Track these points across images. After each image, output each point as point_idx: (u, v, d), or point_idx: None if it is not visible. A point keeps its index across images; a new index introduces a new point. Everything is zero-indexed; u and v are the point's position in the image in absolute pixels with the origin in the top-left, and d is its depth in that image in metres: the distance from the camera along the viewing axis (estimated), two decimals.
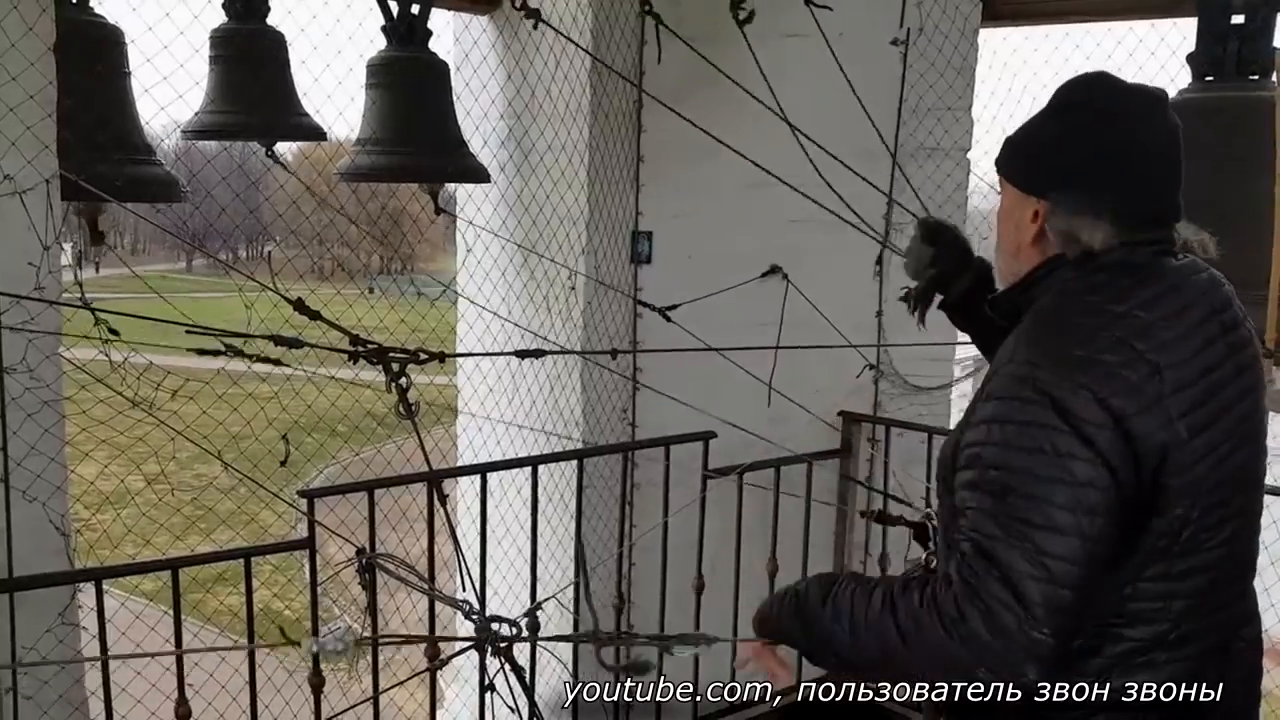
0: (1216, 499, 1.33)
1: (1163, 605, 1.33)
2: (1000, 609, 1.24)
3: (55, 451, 2.23)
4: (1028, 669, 1.25)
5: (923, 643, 1.29)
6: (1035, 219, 1.43)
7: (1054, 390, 1.26)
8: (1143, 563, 1.32)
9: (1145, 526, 1.30)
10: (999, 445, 1.29)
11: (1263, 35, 2.82)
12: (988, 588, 1.25)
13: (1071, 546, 1.23)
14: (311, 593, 2.60)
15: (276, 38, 2.99)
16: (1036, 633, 1.23)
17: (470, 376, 3.86)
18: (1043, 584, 1.23)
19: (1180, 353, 1.32)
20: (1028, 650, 1.23)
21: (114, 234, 13.22)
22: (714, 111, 3.15)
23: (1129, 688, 1.35)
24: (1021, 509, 1.25)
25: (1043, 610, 1.23)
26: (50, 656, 2.20)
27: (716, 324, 2.89)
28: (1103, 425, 1.24)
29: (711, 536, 3.27)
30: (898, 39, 3.49)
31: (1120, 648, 1.34)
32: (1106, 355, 1.29)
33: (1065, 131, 1.41)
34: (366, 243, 5.62)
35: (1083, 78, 1.45)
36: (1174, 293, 1.37)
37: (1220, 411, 1.35)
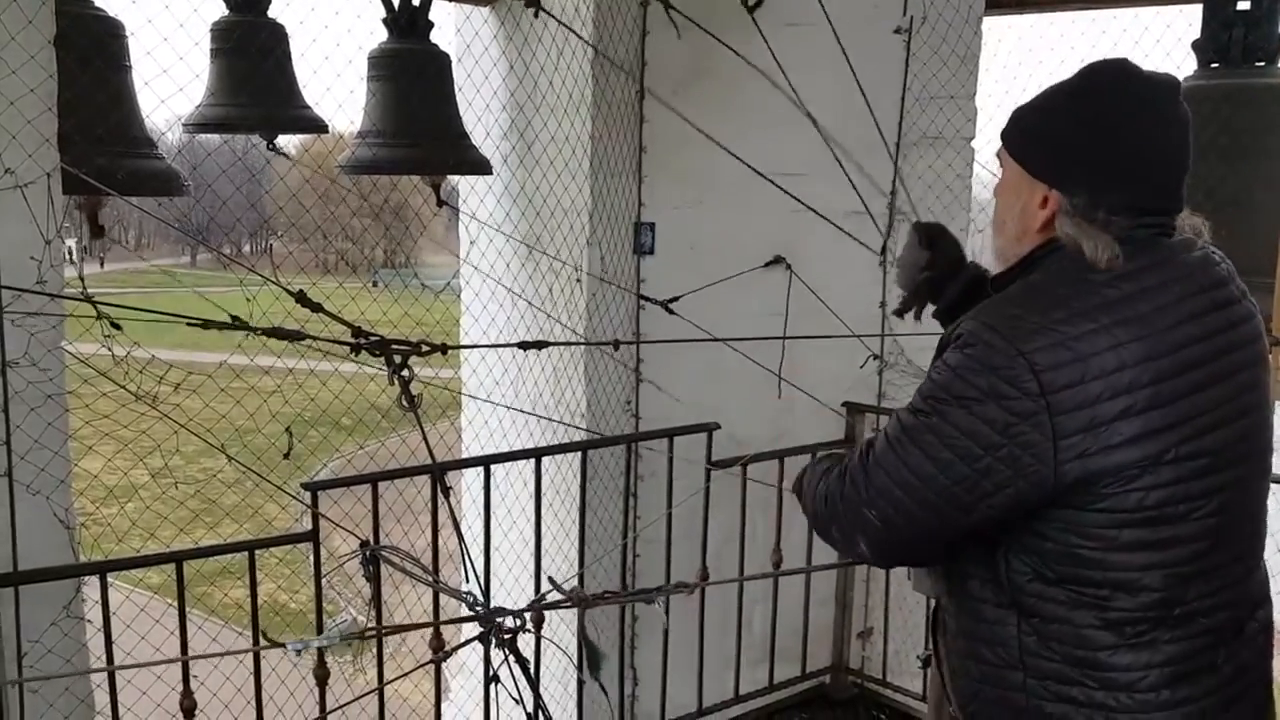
0: (1192, 470, 1.34)
1: (1141, 575, 1.35)
2: (851, 485, 1.49)
3: (59, 445, 2.23)
4: (859, 541, 1.50)
5: (817, 502, 1.58)
6: (1044, 205, 1.42)
7: (994, 357, 1.34)
8: (1111, 530, 1.34)
9: (1089, 492, 1.33)
10: (935, 383, 1.42)
11: (1269, 21, 2.81)
12: (854, 469, 1.50)
13: (930, 474, 1.39)
14: (316, 585, 2.60)
15: (277, 30, 2.98)
16: (867, 511, 1.46)
17: (475, 369, 3.86)
18: (889, 481, 1.43)
19: (1156, 324, 1.34)
20: (859, 524, 1.48)
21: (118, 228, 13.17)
22: (716, 103, 3.14)
23: (1134, 667, 1.36)
24: (915, 431, 1.42)
25: (879, 498, 1.44)
26: (55, 650, 2.20)
27: (720, 315, 2.88)
28: (1027, 393, 1.31)
29: (715, 528, 3.27)
30: (901, 27, 3.47)
31: (1107, 616, 1.37)
32: (1063, 326, 1.33)
33: (1087, 125, 1.40)
34: (369, 235, 5.62)
35: (1106, 65, 1.44)
36: (1160, 267, 1.39)
37: (1205, 382, 1.36)
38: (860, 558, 1.54)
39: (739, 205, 3.43)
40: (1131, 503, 1.33)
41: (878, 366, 3.62)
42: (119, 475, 4.06)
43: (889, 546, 1.49)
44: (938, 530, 1.43)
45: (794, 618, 3.57)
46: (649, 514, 3.32)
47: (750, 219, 3.46)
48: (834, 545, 1.60)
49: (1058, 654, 1.39)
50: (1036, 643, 1.41)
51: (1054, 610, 1.39)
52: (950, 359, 1.40)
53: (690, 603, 3.22)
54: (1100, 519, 1.34)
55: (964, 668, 1.52)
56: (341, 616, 9.47)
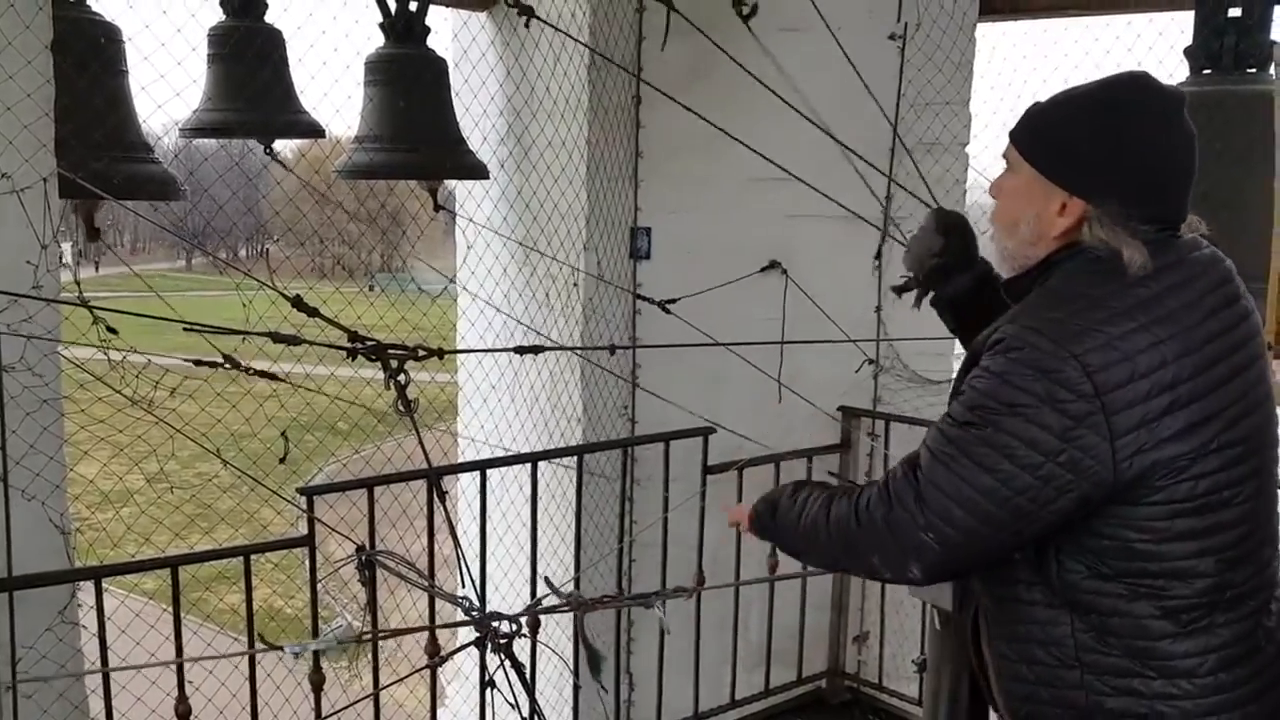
0: (1230, 458, 1.39)
1: (1197, 562, 1.38)
2: (901, 508, 1.42)
3: (54, 450, 2.23)
4: (912, 565, 1.43)
5: (841, 529, 1.50)
6: (1064, 212, 1.44)
7: (1046, 357, 1.33)
8: (1164, 522, 1.37)
9: (1144, 487, 1.35)
10: (981, 391, 1.39)
11: (1260, 28, 2.82)
12: (900, 490, 1.43)
13: (993, 488, 1.36)
14: (311, 590, 2.60)
15: (274, 35, 2.98)
16: (924, 534, 1.39)
17: (472, 373, 3.86)
18: (947, 500, 1.38)
19: (1185, 321, 1.38)
20: (914, 549, 1.41)
21: (113, 232, 13.21)
22: (711, 108, 3.14)
23: (1191, 653, 1.39)
24: (969, 444, 1.38)
25: (937, 519, 1.39)
26: (50, 655, 2.20)
27: (716, 320, 2.89)
28: (1083, 395, 1.32)
29: (711, 532, 3.27)
30: (895, 33, 3.49)
31: (1170, 604, 1.39)
32: (1106, 327, 1.35)
33: (1111, 135, 1.42)
34: (365, 240, 5.62)
35: (1130, 78, 1.46)
36: (1179, 265, 1.43)
37: (1230, 375, 1.41)
38: (906, 580, 1.49)
39: (735, 210, 3.45)
40: (1183, 493, 1.36)
41: (873, 371, 3.63)
42: (114, 480, 4.05)
43: (946, 567, 1.45)
44: (1001, 544, 1.41)
45: (790, 622, 3.58)
46: (645, 518, 3.33)
47: (746, 224, 3.47)
48: (865, 572, 1.55)
49: (1116, 648, 1.41)
50: (1093, 639, 1.42)
51: (1112, 605, 1.41)
52: (994, 365, 1.38)
53: (686, 607, 3.22)
54: (1154, 511, 1.37)
55: (1014, 671, 1.52)
56: (337, 621, 9.47)
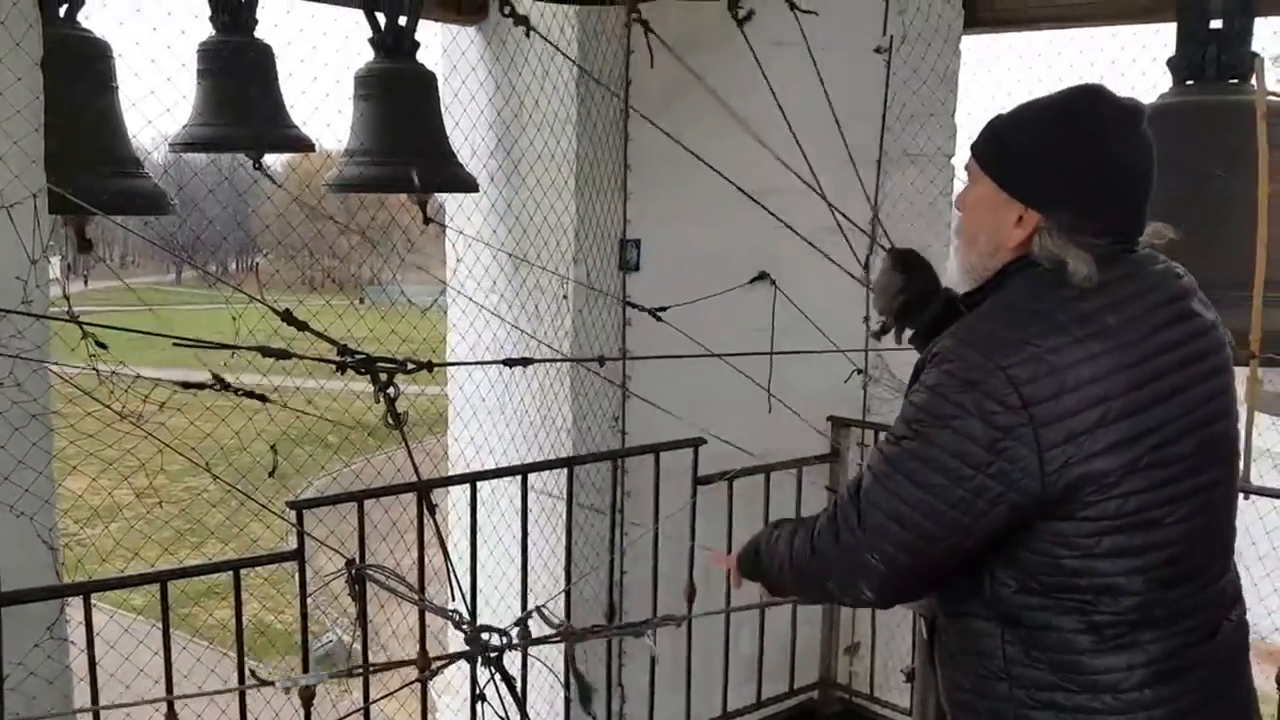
0: (1168, 475, 1.38)
1: (1125, 578, 1.38)
2: (846, 530, 1.45)
3: (43, 465, 2.22)
4: (863, 585, 1.45)
5: (799, 559, 1.54)
6: (1020, 223, 1.44)
7: (973, 370, 1.36)
8: (1093, 538, 1.37)
9: (1073, 501, 1.35)
10: (914, 405, 1.43)
11: (1242, 40, 2.85)
12: (844, 512, 1.46)
13: (925, 501, 1.38)
14: (301, 604, 2.59)
15: (264, 50, 2.99)
16: (869, 555, 1.42)
17: (461, 386, 3.86)
18: (885, 519, 1.41)
19: (1125, 336, 1.38)
20: (860, 569, 1.44)
21: (103, 246, 13.11)
22: (701, 119, 3.16)
23: (1116, 668, 1.39)
24: (903, 460, 1.41)
25: (879, 539, 1.41)
26: (38, 672, 2.19)
27: (705, 331, 2.89)
28: (1010, 407, 1.33)
29: (703, 543, 3.27)
30: (881, 47, 3.52)
31: (1098, 619, 1.39)
32: (1039, 339, 1.36)
33: (1071, 149, 1.42)
34: (355, 253, 5.63)
35: (1085, 90, 1.47)
36: (1128, 280, 1.43)
37: (1172, 390, 1.40)
38: (864, 603, 1.50)
39: (724, 222, 3.45)
40: (1111, 510, 1.35)
41: (862, 381, 3.64)
42: (103, 495, 4.03)
43: (895, 585, 1.46)
44: (941, 559, 1.42)
45: (781, 634, 3.58)
46: (636, 530, 3.33)
47: (735, 235, 3.48)
48: (828, 599, 1.59)
49: (1042, 661, 1.41)
50: (1020, 652, 1.43)
51: (1039, 618, 1.41)
52: (928, 378, 1.41)
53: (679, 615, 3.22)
54: (1082, 528, 1.36)
55: (956, 681, 1.54)
56: (327, 636, 9.39)
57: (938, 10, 3.51)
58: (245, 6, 2.94)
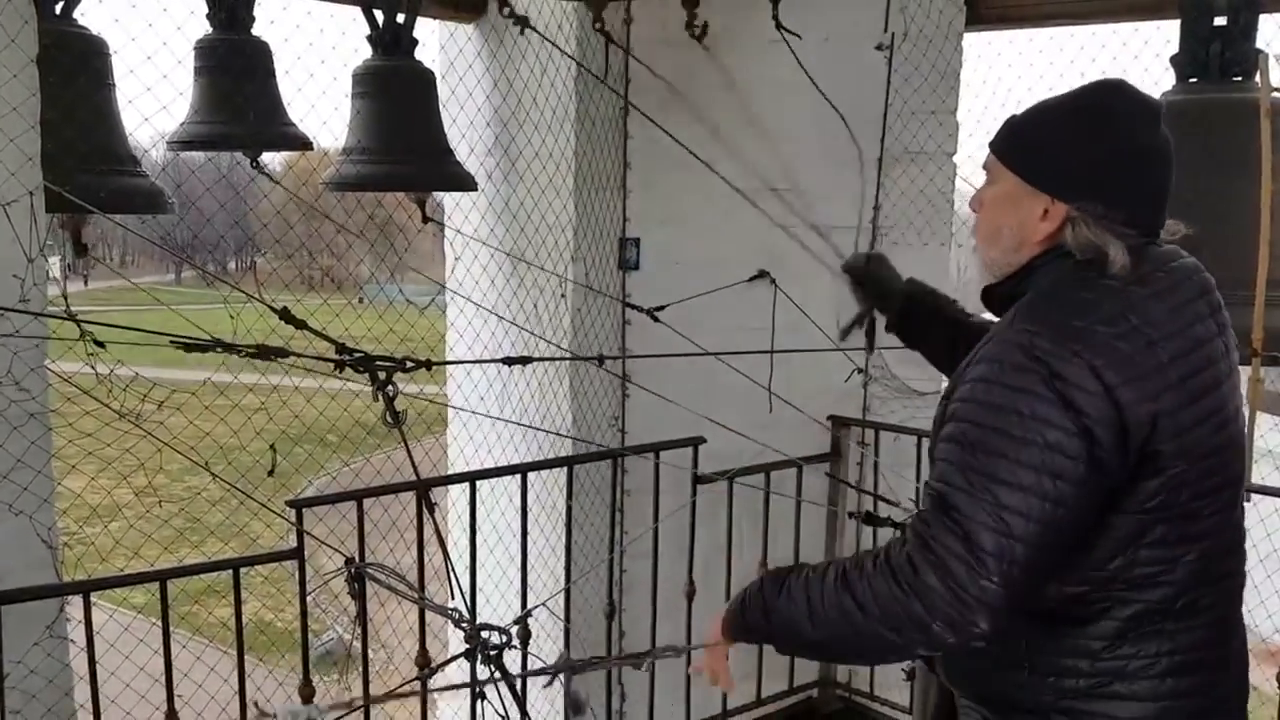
0: (1211, 465, 1.39)
1: (1164, 569, 1.37)
2: (951, 558, 1.28)
3: (42, 464, 2.22)
4: (978, 618, 1.27)
5: (878, 605, 1.32)
6: (1046, 216, 1.43)
7: (1050, 358, 1.30)
8: (1141, 529, 1.36)
9: (1135, 490, 1.34)
10: (980, 404, 1.34)
11: (1246, 37, 2.84)
12: (941, 539, 1.29)
13: (1030, 504, 1.28)
14: (301, 603, 2.58)
15: (261, 47, 2.98)
16: (986, 580, 1.26)
17: (460, 385, 3.86)
18: (996, 535, 1.27)
19: (1172, 326, 1.38)
20: (978, 599, 1.26)
21: (102, 246, 13.06)
22: (700, 118, 3.15)
23: (1141, 655, 1.38)
24: (988, 465, 1.30)
25: (993, 560, 1.27)
26: (38, 671, 2.18)
27: (705, 329, 2.88)
28: (1093, 393, 1.29)
29: (702, 542, 3.27)
30: (882, 44, 3.50)
31: (1128, 611, 1.38)
32: (1102, 327, 1.34)
33: (1092, 138, 1.42)
34: (354, 252, 5.61)
35: (1109, 84, 1.47)
36: (1164, 273, 1.43)
37: (1214, 383, 1.41)
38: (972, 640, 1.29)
39: (723, 220, 3.45)
40: (1165, 499, 1.35)
41: (863, 380, 3.64)
42: (102, 494, 4.02)
43: (1009, 605, 1.28)
44: (1055, 563, 1.33)
45: None
46: (636, 528, 3.32)
47: (735, 233, 3.47)
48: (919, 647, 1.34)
49: (1066, 649, 1.41)
50: (1044, 640, 1.42)
51: (1073, 610, 1.40)
52: (990, 373, 1.34)
53: (679, 619, 3.21)
54: (1131, 520, 1.35)
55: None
56: (328, 634, 9.38)
57: (939, 7, 3.50)
58: (242, 4, 2.94)
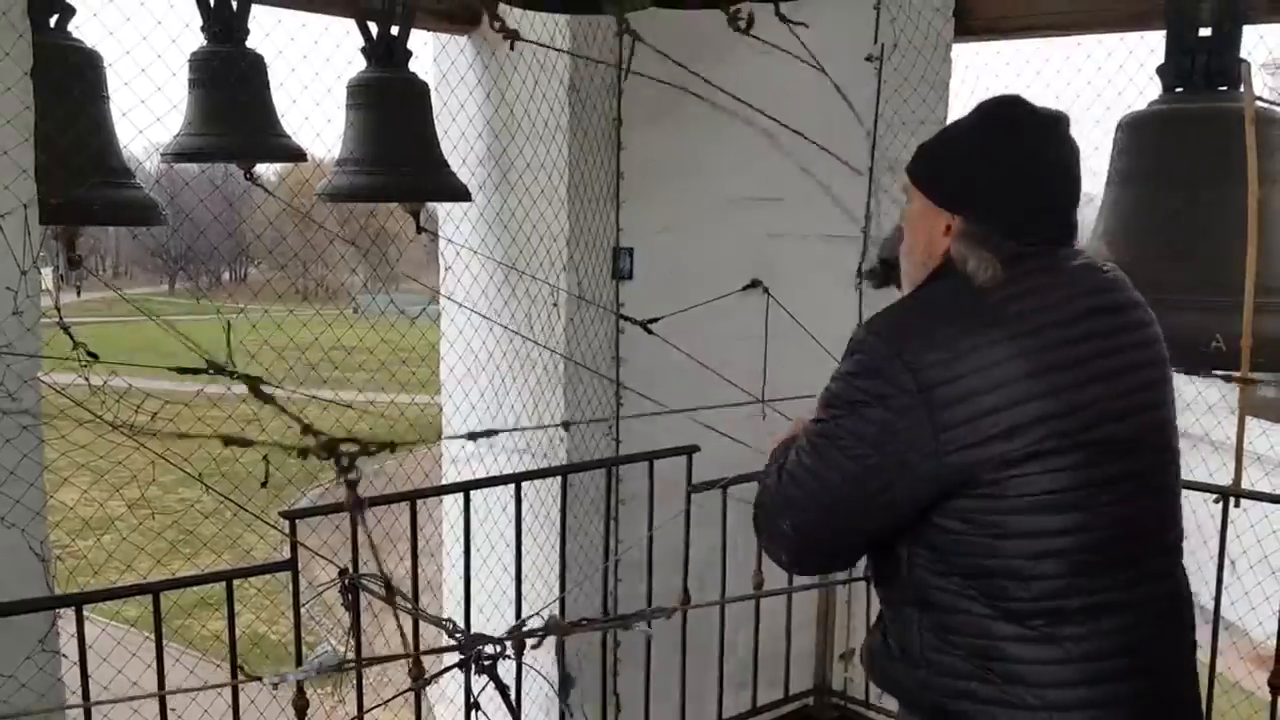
0: (1078, 459, 1.38)
1: (1034, 564, 1.38)
2: (769, 498, 1.57)
3: (34, 476, 2.21)
4: (779, 550, 1.57)
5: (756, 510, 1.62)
6: (948, 232, 1.49)
7: (875, 359, 1.42)
8: (1000, 518, 1.37)
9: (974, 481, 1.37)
10: (829, 391, 1.50)
11: (1230, 47, 2.87)
12: (769, 482, 1.57)
13: (826, 477, 1.46)
14: (295, 615, 2.58)
15: (255, 60, 2.99)
16: (781, 521, 1.53)
17: (453, 395, 3.86)
18: (797, 490, 1.50)
19: (1031, 324, 1.41)
20: (777, 535, 1.55)
21: (95, 257, 13.03)
22: (694, 129, 3.18)
23: (1036, 659, 1.37)
24: (815, 439, 1.49)
25: (788, 507, 1.52)
26: (30, 684, 2.17)
27: (699, 339, 2.90)
28: (905, 391, 1.38)
29: (697, 551, 3.27)
30: (872, 55, 3.53)
31: (1006, 606, 1.38)
32: (940, 327, 1.41)
33: (980, 154, 1.49)
34: (347, 262, 5.62)
35: (999, 99, 1.54)
36: (1040, 273, 1.46)
37: (1091, 378, 1.41)
38: (784, 566, 1.64)
39: (716, 230, 3.47)
40: (1014, 489, 1.36)
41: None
42: (95, 507, 4.01)
43: (804, 554, 1.57)
44: (845, 534, 1.51)
45: (776, 640, 3.57)
46: (630, 538, 3.32)
47: (727, 243, 3.49)
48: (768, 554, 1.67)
49: (959, 647, 1.41)
50: (936, 638, 1.43)
51: (951, 601, 1.41)
52: (842, 366, 1.49)
53: (672, 627, 3.21)
54: (987, 505, 1.38)
55: (883, 667, 1.56)
56: (322, 647, 9.32)
57: (928, 19, 3.53)
58: (237, 16, 2.95)
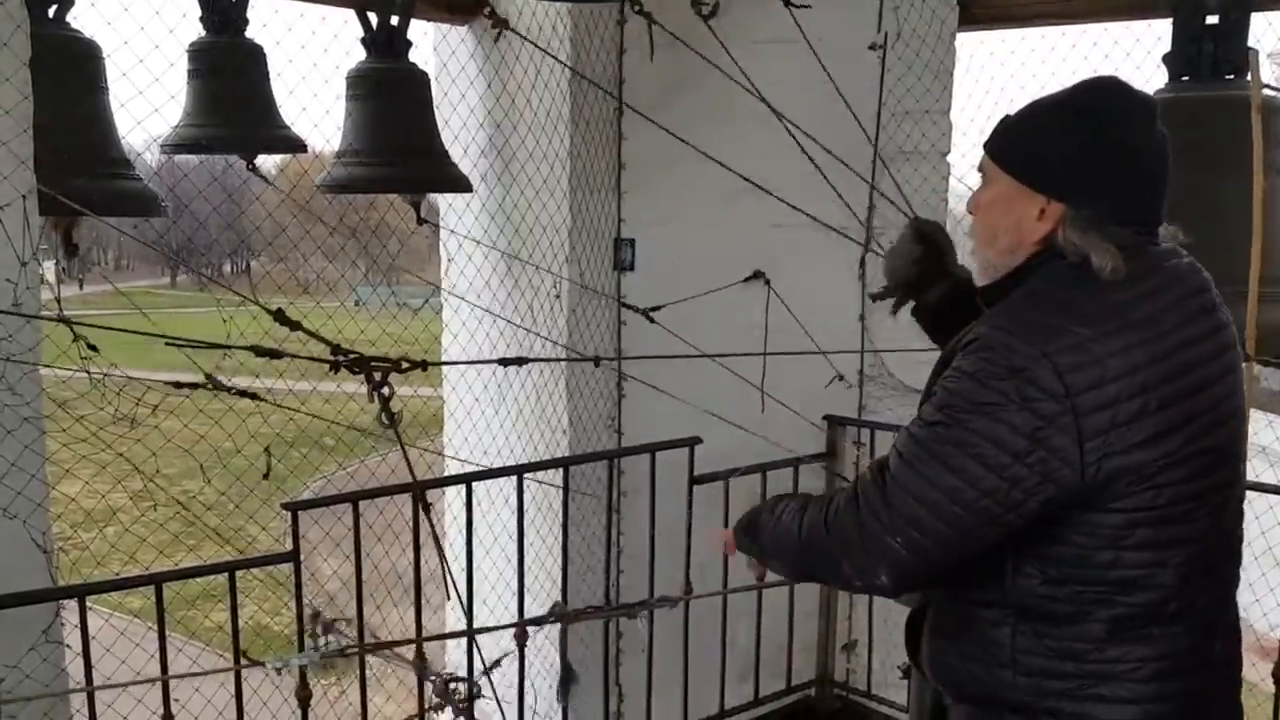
0: (1197, 469, 1.38)
1: (1150, 572, 1.37)
2: (869, 512, 1.40)
3: (36, 468, 2.21)
4: (880, 571, 1.41)
5: (811, 536, 1.50)
6: (1042, 216, 1.43)
7: (1016, 359, 1.33)
8: (1122, 530, 1.36)
9: (1107, 491, 1.34)
10: (951, 391, 1.39)
11: (1237, 35, 2.85)
12: (869, 493, 1.42)
13: (957, 488, 1.34)
14: (297, 606, 2.58)
15: (254, 50, 2.98)
16: (893, 539, 1.38)
17: (455, 387, 3.85)
18: (915, 503, 1.37)
19: (1157, 327, 1.37)
20: (882, 554, 1.39)
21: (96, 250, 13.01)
22: (696, 119, 3.16)
23: (1127, 658, 1.39)
24: (937, 445, 1.37)
25: (904, 523, 1.37)
26: (34, 675, 2.17)
27: (700, 330, 2.89)
28: (1053, 396, 1.31)
29: (699, 543, 3.27)
30: (876, 43, 3.51)
31: (1113, 613, 1.38)
32: (1079, 328, 1.34)
33: (1084, 137, 1.42)
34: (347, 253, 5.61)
35: (1103, 82, 1.47)
36: (1154, 272, 1.42)
37: (1200, 385, 1.40)
38: (877, 589, 1.46)
39: (718, 221, 3.46)
40: (1145, 502, 1.35)
41: (847, 384, 3.65)
42: (97, 499, 4.01)
43: (914, 572, 1.41)
44: (967, 548, 1.39)
45: (778, 631, 3.57)
46: (632, 529, 3.32)
47: (729, 234, 3.48)
48: (837, 580, 1.53)
49: (1053, 651, 1.41)
50: (1032, 642, 1.42)
51: (1061, 610, 1.40)
52: (966, 364, 1.38)
53: (675, 618, 3.21)
54: (1114, 519, 1.35)
55: (950, 664, 1.53)
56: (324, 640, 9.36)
57: (932, 7, 3.51)
58: (235, 6, 2.93)
